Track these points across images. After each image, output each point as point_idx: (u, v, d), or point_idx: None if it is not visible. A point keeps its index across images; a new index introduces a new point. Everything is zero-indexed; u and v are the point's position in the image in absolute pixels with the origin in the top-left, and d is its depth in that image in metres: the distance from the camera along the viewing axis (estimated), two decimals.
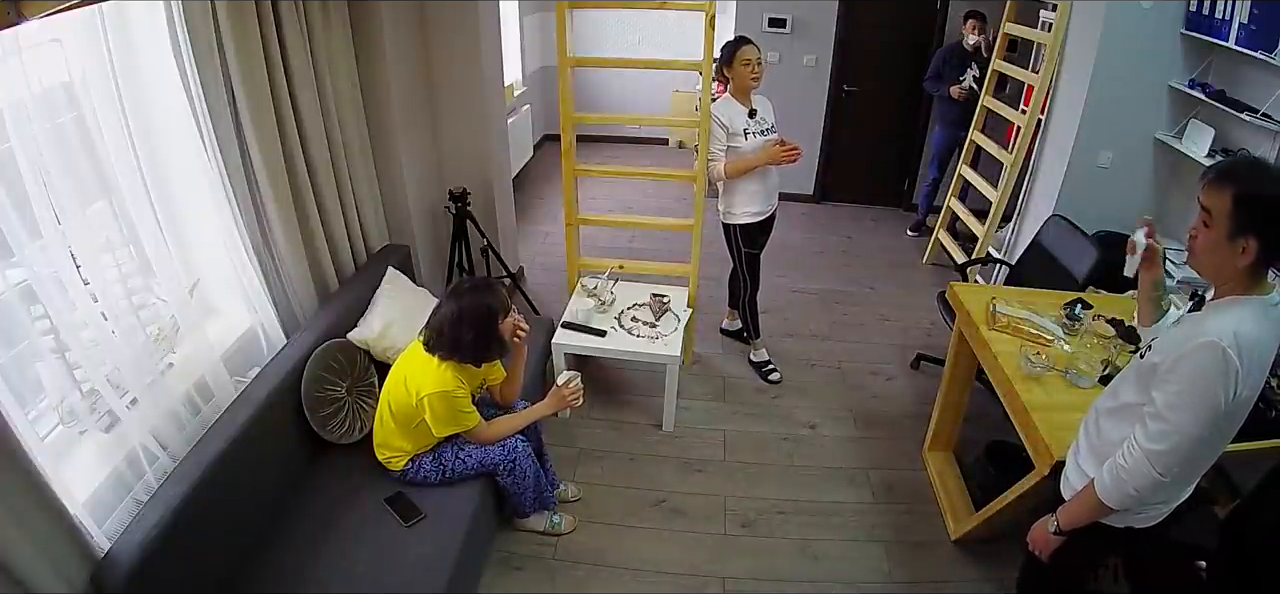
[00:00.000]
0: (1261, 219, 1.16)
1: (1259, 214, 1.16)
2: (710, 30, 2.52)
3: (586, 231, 3.37)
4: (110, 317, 1.64)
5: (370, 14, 2.58)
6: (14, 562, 1.27)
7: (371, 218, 2.72)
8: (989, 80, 3.98)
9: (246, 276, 2.10)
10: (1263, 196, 1.16)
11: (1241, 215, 1.17)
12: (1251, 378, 1.23)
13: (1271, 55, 2.46)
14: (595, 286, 2.93)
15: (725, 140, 2.73)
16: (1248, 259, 1.18)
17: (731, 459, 2.71)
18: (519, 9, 5.37)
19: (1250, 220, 1.17)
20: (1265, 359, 1.24)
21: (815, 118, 4.92)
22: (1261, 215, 1.16)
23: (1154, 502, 1.38)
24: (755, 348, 3.22)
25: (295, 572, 1.77)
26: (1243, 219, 1.17)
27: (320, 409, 2.08)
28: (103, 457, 1.66)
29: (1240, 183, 1.18)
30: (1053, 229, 2.92)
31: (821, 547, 2.33)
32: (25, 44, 1.46)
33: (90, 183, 1.70)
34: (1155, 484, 1.29)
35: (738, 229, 2.92)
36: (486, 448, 2.07)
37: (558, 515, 2.31)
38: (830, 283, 4.09)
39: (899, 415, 2.98)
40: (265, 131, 2.02)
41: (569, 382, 2.19)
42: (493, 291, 1.99)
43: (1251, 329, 1.21)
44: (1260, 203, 1.16)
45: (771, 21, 4.63)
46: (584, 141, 4.41)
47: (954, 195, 4.23)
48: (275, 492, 1.95)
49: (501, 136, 3.65)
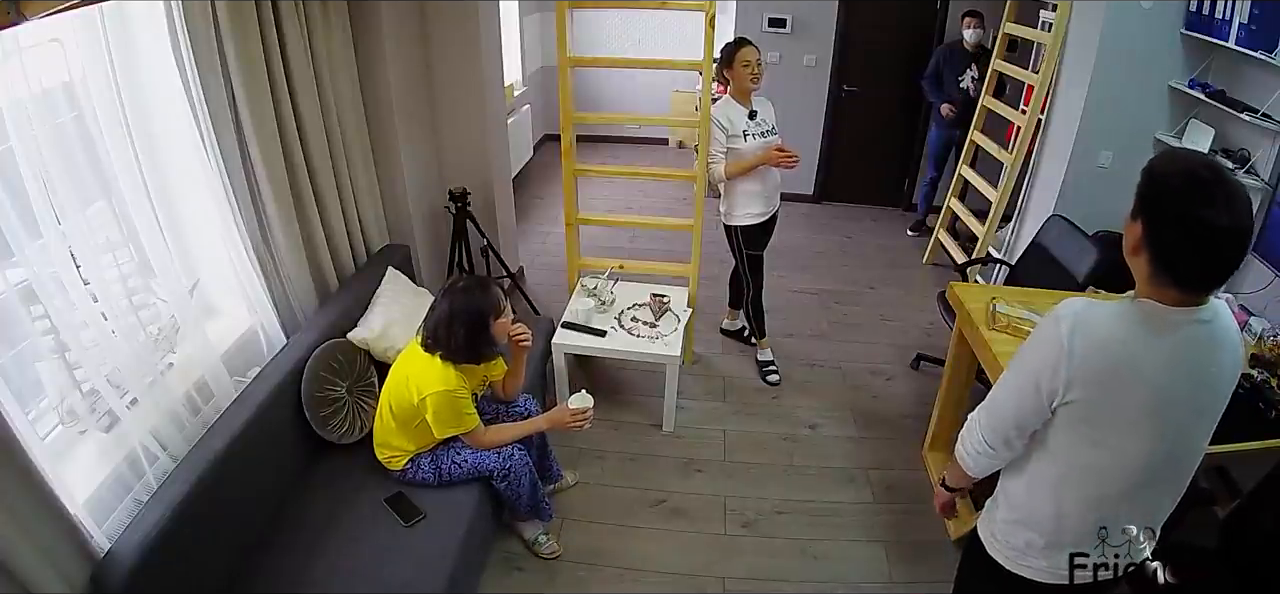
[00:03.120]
0: (1144, 195, 1.05)
1: (1143, 189, 1.06)
2: (710, 30, 2.52)
3: (586, 231, 3.37)
4: (110, 316, 1.64)
5: (370, 14, 2.58)
6: (14, 562, 1.27)
7: (371, 218, 2.72)
8: (989, 80, 3.98)
9: (246, 276, 2.10)
10: (1150, 169, 1.06)
11: (1138, 193, 1.07)
12: (1082, 373, 1.10)
13: (1271, 55, 2.46)
14: (595, 287, 2.93)
15: (725, 142, 2.72)
16: (1138, 244, 1.06)
17: (731, 459, 2.71)
18: (519, 9, 5.37)
19: (1139, 198, 1.06)
20: (1108, 361, 1.10)
21: (815, 118, 4.92)
22: (1144, 189, 1.06)
23: (988, 468, 1.33)
24: (761, 347, 3.22)
25: (295, 571, 1.77)
26: (1137, 198, 1.07)
27: (320, 409, 2.08)
28: (103, 457, 1.66)
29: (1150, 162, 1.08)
30: (1053, 229, 2.92)
31: (821, 547, 2.33)
32: (25, 44, 1.46)
33: (90, 183, 1.70)
34: (980, 450, 1.29)
35: (739, 231, 2.92)
36: (482, 454, 2.07)
37: (546, 536, 2.25)
38: (830, 283, 4.09)
39: (899, 415, 2.98)
40: (265, 131, 2.02)
41: (579, 409, 2.11)
42: (484, 291, 1.97)
43: (1104, 322, 1.10)
44: (1147, 175, 1.06)
45: (771, 21, 4.63)
46: (584, 141, 4.41)
47: (954, 195, 4.23)
48: (275, 492, 1.95)
49: (501, 136, 3.65)
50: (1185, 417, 1.14)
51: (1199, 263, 1.02)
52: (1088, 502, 1.20)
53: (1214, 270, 1.02)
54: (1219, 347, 1.10)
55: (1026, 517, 1.27)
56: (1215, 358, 1.11)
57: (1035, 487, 1.25)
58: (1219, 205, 0.97)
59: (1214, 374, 1.12)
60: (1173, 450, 1.17)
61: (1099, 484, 1.19)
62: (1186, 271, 1.04)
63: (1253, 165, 2.64)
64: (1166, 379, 1.09)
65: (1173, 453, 1.17)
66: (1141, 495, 1.20)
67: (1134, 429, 1.13)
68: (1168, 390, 1.10)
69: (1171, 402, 1.11)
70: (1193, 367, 1.10)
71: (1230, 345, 1.12)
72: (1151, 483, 1.19)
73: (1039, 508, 1.25)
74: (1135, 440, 1.14)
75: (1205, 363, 1.11)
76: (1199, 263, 1.02)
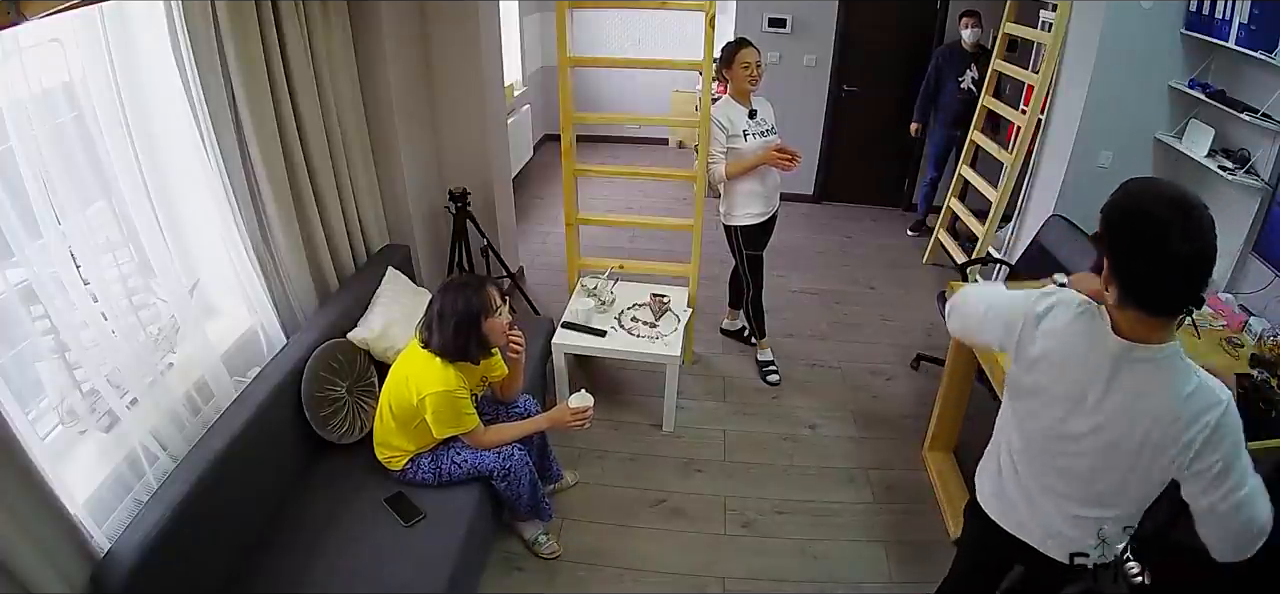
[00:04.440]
0: (1107, 230, 1.10)
1: (1104, 226, 1.11)
2: (710, 30, 2.53)
3: (586, 231, 3.37)
4: (110, 316, 1.64)
5: (370, 14, 2.58)
6: (14, 562, 1.27)
7: (371, 218, 2.72)
8: (989, 80, 3.98)
9: (246, 276, 2.10)
10: (1109, 206, 1.11)
11: (1101, 226, 1.12)
12: (1027, 350, 1.26)
13: (1271, 55, 2.45)
14: (595, 287, 2.93)
15: (725, 142, 2.72)
16: (1107, 276, 1.11)
17: (731, 459, 2.71)
18: (519, 9, 5.37)
19: (1103, 232, 1.11)
20: (1057, 351, 1.23)
21: (815, 118, 4.91)
22: (1105, 226, 1.11)
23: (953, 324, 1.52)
24: (761, 347, 3.22)
25: (295, 571, 1.77)
26: (1101, 230, 1.12)
27: (320, 409, 2.08)
28: (103, 457, 1.66)
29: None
30: (1053, 229, 2.92)
31: (821, 547, 2.33)
32: (25, 44, 1.46)
33: (90, 183, 1.70)
34: (952, 306, 1.50)
35: (739, 231, 2.92)
36: (481, 454, 2.07)
37: (546, 536, 2.25)
38: (830, 283, 4.09)
39: (899, 415, 2.98)
40: (265, 131, 2.02)
41: (579, 408, 2.12)
42: (477, 289, 1.96)
43: (1063, 316, 1.23)
44: (1107, 212, 1.11)
45: (771, 21, 4.63)
46: (584, 141, 4.41)
47: (954, 195, 4.23)
48: (275, 492, 1.95)
49: (501, 136, 3.65)
50: (1084, 422, 1.22)
51: (1161, 288, 1.07)
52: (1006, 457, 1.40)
53: (1177, 295, 1.07)
54: (1150, 390, 1.13)
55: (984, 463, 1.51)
56: (1145, 400, 1.14)
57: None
58: (1174, 235, 1.01)
59: (1141, 411, 1.14)
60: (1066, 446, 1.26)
61: (1009, 440, 1.39)
62: (1150, 295, 1.08)
63: (1253, 165, 2.64)
64: (1082, 385, 1.20)
65: (1063, 450, 1.27)
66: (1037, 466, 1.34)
67: (1044, 406, 1.27)
68: (1079, 393, 1.20)
69: (1081, 406, 1.21)
70: (1113, 389, 1.16)
71: (1164, 392, 1.12)
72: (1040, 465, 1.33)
73: (989, 455, 1.50)
74: (1044, 414, 1.27)
75: (1124, 392, 1.15)
76: (1161, 288, 1.07)
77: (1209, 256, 1.03)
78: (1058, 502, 1.32)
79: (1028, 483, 1.36)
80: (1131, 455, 1.18)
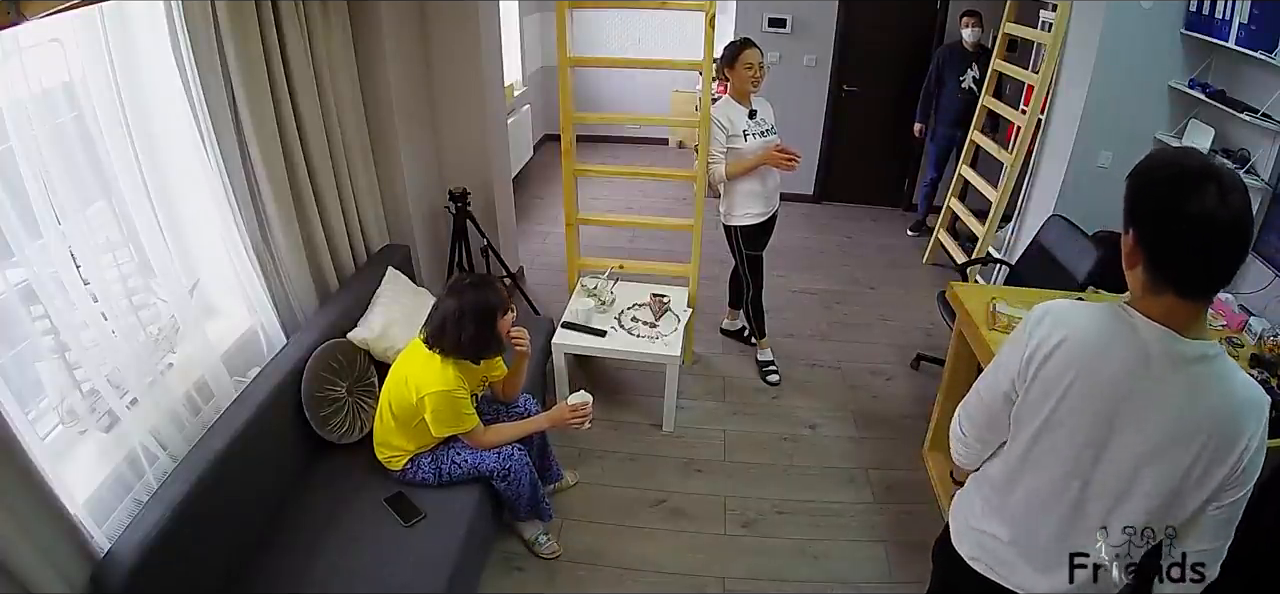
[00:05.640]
0: (1131, 199, 0.98)
1: (1129, 194, 0.99)
2: (710, 30, 2.53)
3: (586, 231, 3.37)
4: (110, 316, 1.64)
5: (370, 14, 2.58)
6: (14, 562, 1.27)
7: (371, 218, 2.72)
8: (989, 80, 3.98)
9: (246, 276, 2.10)
10: (1134, 172, 0.99)
11: (1125, 201, 1.00)
12: (1046, 370, 1.05)
13: (1271, 55, 2.46)
14: (595, 286, 2.93)
15: (725, 142, 2.72)
16: (1133, 250, 0.99)
17: (731, 459, 2.71)
18: (519, 9, 5.37)
19: (1127, 204, 0.99)
20: (1074, 358, 1.03)
21: (815, 118, 4.92)
22: (1130, 194, 0.99)
23: (968, 464, 1.34)
24: (761, 347, 3.22)
25: (295, 571, 1.77)
26: (1125, 207, 1.00)
27: (320, 409, 2.08)
28: (103, 457, 1.66)
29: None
30: (1053, 229, 2.92)
31: (821, 547, 2.33)
32: (25, 44, 1.46)
33: (90, 183, 1.70)
34: (957, 436, 1.30)
35: (738, 231, 2.92)
36: (482, 454, 2.07)
37: (546, 536, 2.25)
38: (830, 283, 4.09)
39: (899, 415, 2.98)
40: (265, 131, 2.02)
41: (578, 407, 2.13)
42: (492, 288, 1.99)
43: (1080, 321, 1.05)
44: (1132, 178, 0.99)
45: (771, 21, 4.63)
46: (584, 141, 4.41)
47: (954, 195, 4.23)
48: (275, 492, 1.95)
49: (501, 136, 3.65)
50: (1125, 444, 1.03)
51: (1198, 259, 0.93)
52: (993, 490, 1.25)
53: (1214, 267, 0.94)
54: (1205, 390, 0.98)
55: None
56: (1196, 401, 0.99)
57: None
58: (1209, 194, 0.89)
59: (1188, 415, 0.99)
60: (1096, 477, 1.07)
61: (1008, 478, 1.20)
62: (1185, 270, 0.95)
63: (1253, 165, 2.64)
64: (1118, 393, 1.01)
65: (1093, 480, 1.08)
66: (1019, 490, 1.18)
67: (1068, 438, 1.07)
68: (1111, 406, 1.02)
69: (1113, 423, 1.03)
70: (1161, 396, 0.99)
71: (1223, 393, 0.98)
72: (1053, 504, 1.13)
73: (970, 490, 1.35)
74: (1064, 447, 1.08)
75: (1176, 397, 0.99)
76: (1198, 259, 0.93)
77: (1243, 223, 0.91)
78: (1073, 541, 1.14)
79: (1036, 530, 1.18)
80: (1179, 476, 1.01)
